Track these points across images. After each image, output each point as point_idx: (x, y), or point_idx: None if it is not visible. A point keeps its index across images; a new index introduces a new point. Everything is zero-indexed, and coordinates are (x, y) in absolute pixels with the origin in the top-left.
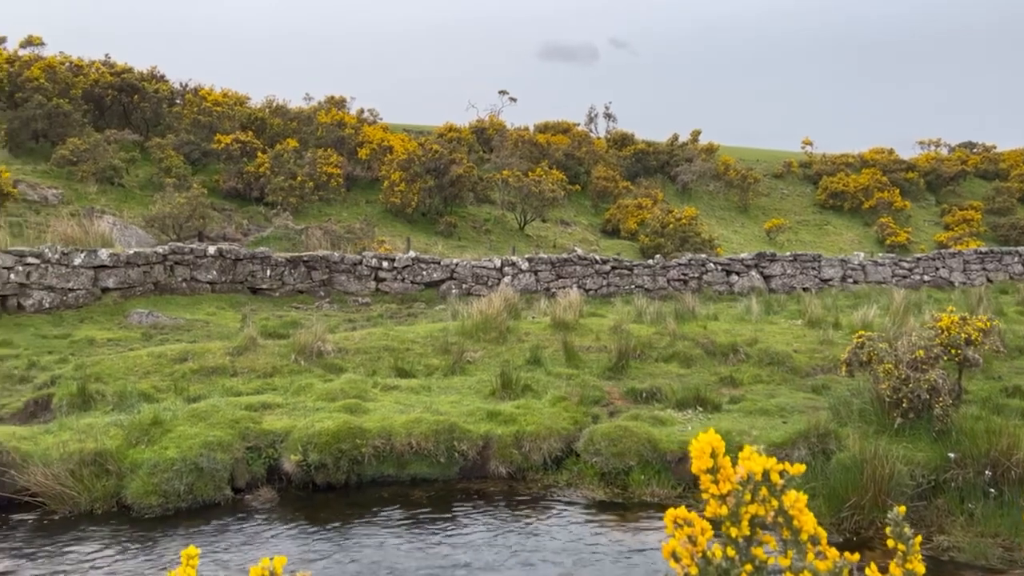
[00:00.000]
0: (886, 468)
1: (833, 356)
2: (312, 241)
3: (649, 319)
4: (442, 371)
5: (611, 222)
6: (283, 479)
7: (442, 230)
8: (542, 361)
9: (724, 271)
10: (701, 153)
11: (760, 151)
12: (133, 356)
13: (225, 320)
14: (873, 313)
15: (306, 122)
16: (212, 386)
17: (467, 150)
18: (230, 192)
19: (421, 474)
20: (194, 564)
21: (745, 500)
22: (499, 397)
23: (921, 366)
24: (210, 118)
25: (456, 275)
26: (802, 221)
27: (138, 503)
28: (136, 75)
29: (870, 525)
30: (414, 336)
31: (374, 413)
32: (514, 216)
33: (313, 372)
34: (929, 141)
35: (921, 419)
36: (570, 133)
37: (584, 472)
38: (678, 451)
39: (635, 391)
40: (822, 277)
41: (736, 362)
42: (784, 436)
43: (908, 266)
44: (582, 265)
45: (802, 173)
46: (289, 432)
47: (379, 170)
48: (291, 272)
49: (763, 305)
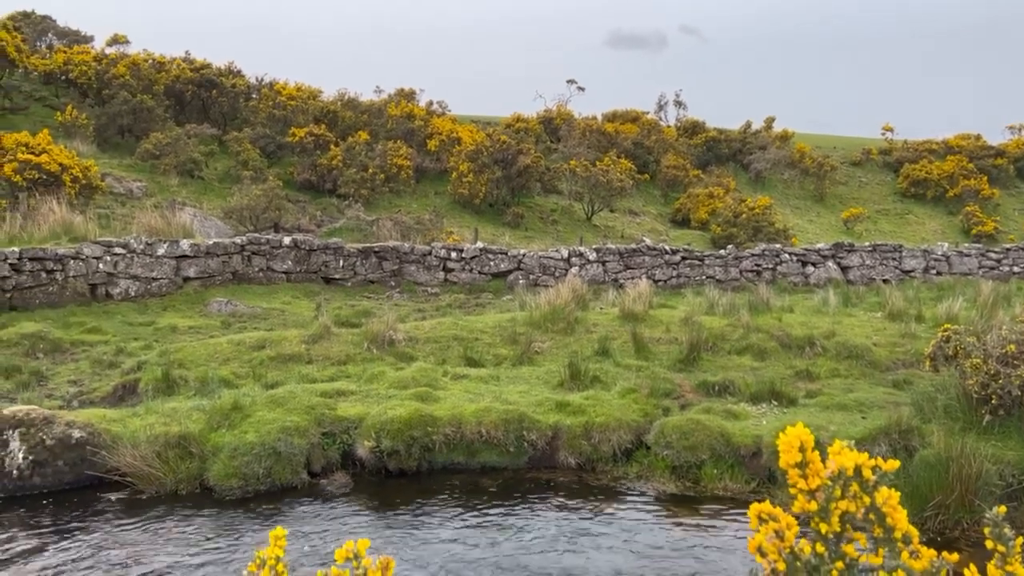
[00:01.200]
0: (973, 467)
1: (915, 350)
2: (383, 232)
3: (721, 311)
4: (510, 361)
5: (681, 212)
6: (357, 464)
7: (509, 221)
8: (610, 352)
9: (799, 262)
10: (775, 141)
11: (837, 138)
12: (213, 343)
13: (300, 309)
14: (959, 306)
15: (376, 115)
16: (288, 373)
17: (534, 140)
18: (304, 184)
19: (490, 462)
20: (282, 544)
21: (835, 496)
22: (567, 388)
23: (1012, 361)
24: (284, 112)
25: (523, 266)
26: (882, 210)
27: (219, 485)
28: (214, 71)
29: (955, 526)
30: (482, 326)
31: (444, 401)
32: (581, 206)
33: (385, 360)
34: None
35: (1012, 417)
36: (639, 122)
37: (654, 465)
38: (752, 445)
39: (707, 384)
40: (903, 268)
41: (812, 355)
42: (863, 432)
43: (996, 257)
44: (651, 255)
45: (882, 160)
46: (362, 419)
47: (447, 161)
48: (363, 262)
49: (840, 297)
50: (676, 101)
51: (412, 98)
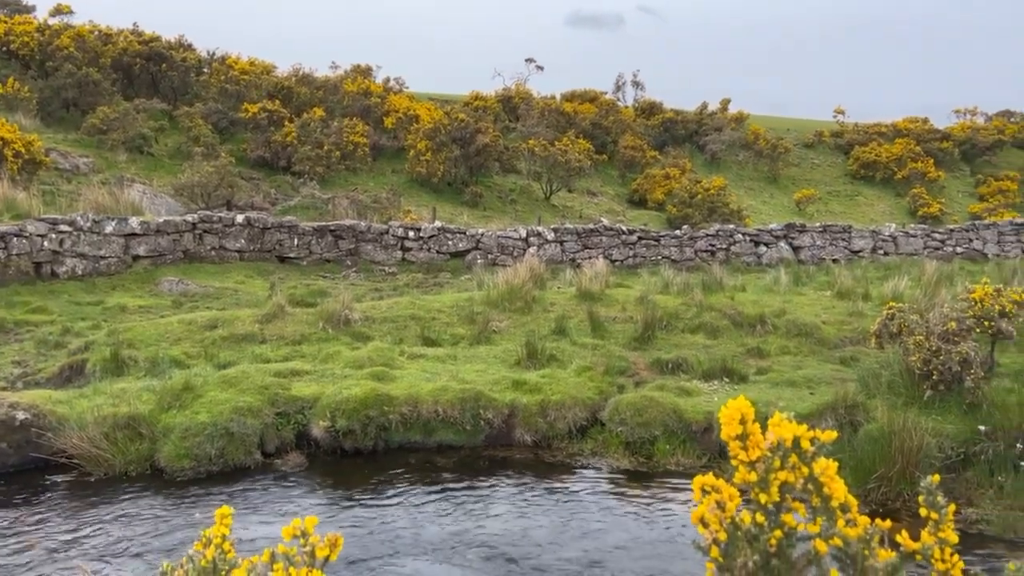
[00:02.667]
0: (915, 440)
1: (862, 328)
2: (339, 210)
3: (676, 290)
4: (468, 340)
5: (638, 192)
6: (312, 444)
7: (468, 200)
8: (567, 331)
9: (752, 242)
10: (730, 122)
11: (791, 120)
12: (164, 323)
13: (253, 288)
14: (904, 285)
15: (332, 91)
16: (242, 353)
17: (493, 119)
18: (257, 161)
19: (447, 441)
20: (228, 523)
21: (775, 467)
22: (524, 366)
23: (953, 338)
24: (237, 87)
25: (482, 245)
26: (832, 192)
27: (171, 466)
28: (164, 44)
29: (897, 497)
30: (440, 305)
31: (401, 381)
32: (540, 186)
33: (340, 340)
34: (965, 110)
35: (952, 392)
36: (597, 102)
37: (609, 441)
38: (703, 421)
39: (661, 361)
40: (852, 248)
41: (763, 333)
42: (811, 407)
43: (941, 237)
44: (608, 236)
45: (833, 143)
46: (317, 398)
47: (405, 139)
48: (318, 241)
49: (791, 276)
50: (634, 82)
51: (369, 74)
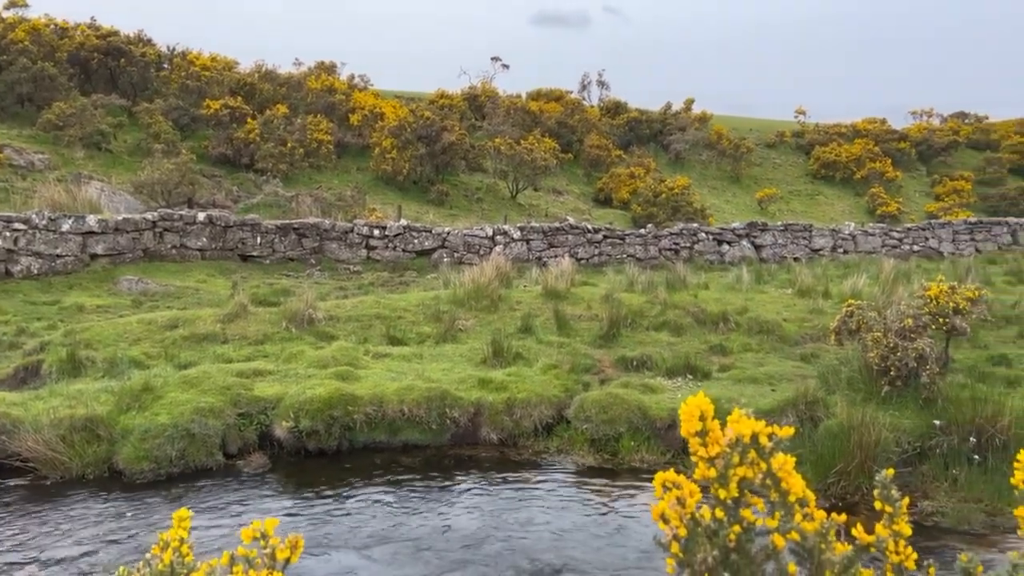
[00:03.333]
0: (872, 435)
1: (822, 325)
2: (302, 208)
3: (640, 288)
4: (434, 339)
5: (603, 191)
6: (275, 445)
7: (433, 198)
8: (533, 329)
9: (715, 240)
10: (694, 122)
11: (753, 120)
12: (123, 323)
13: (215, 287)
14: (863, 282)
15: (296, 88)
16: (203, 353)
17: (459, 117)
18: (219, 158)
19: (413, 440)
20: (186, 526)
21: (734, 462)
22: (490, 365)
23: (909, 335)
24: (199, 83)
25: (448, 244)
26: (794, 191)
27: (130, 468)
28: (122, 38)
29: (856, 491)
30: (405, 304)
31: (366, 380)
32: (506, 184)
33: (304, 339)
34: (921, 111)
35: (908, 387)
36: (563, 101)
37: (574, 439)
38: (667, 418)
39: (626, 359)
40: (813, 247)
41: (726, 331)
42: (773, 403)
43: (898, 236)
44: (574, 234)
45: (795, 143)
46: (281, 399)
47: (370, 137)
48: (281, 239)
49: (753, 274)
50: (599, 81)
51: (333, 71)
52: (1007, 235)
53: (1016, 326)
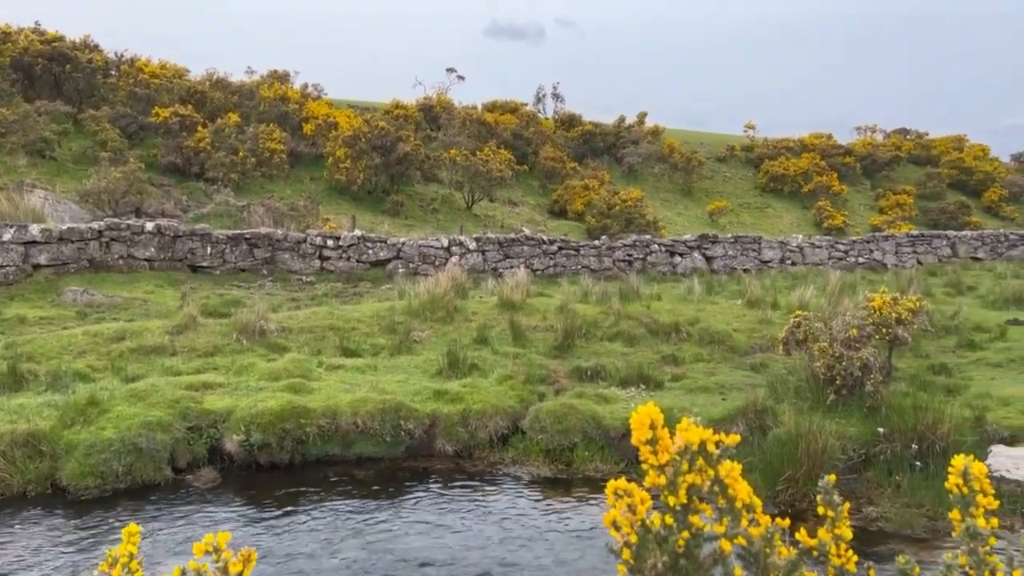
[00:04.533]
0: (819, 443)
1: (771, 335)
2: (254, 218)
3: (595, 299)
4: (388, 350)
5: (558, 203)
6: (225, 459)
7: (388, 208)
8: (489, 340)
9: (668, 252)
10: (647, 135)
11: (704, 134)
12: (67, 335)
13: (164, 298)
14: (810, 294)
15: (248, 96)
16: (151, 366)
17: (414, 128)
18: (169, 167)
19: (367, 453)
20: (135, 541)
21: (682, 470)
22: (446, 376)
23: (854, 345)
24: (147, 90)
25: (403, 254)
26: (744, 204)
27: (74, 484)
28: (68, 44)
29: (804, 497)
30: (360, 315)
31: (319, 392)
32: (462, 195)
33: (256, 351)
34: (866, 127)
35: (853, 396)
36: (518, 113)
37: (530, 449)
38: (621, 428)
39: (580, 369)
40: (762, 258)
41: (678, 341)
42: (723, 412)
43: (844, 248)
44: (529, 245)
45: (744, 157)
46: (231, 412)
47: (324, 146)
48: (232, 250)
49: (705, 286)
50: (554, 94)
51: (286, 80)
52: (947, 248)
53: (955, 336)
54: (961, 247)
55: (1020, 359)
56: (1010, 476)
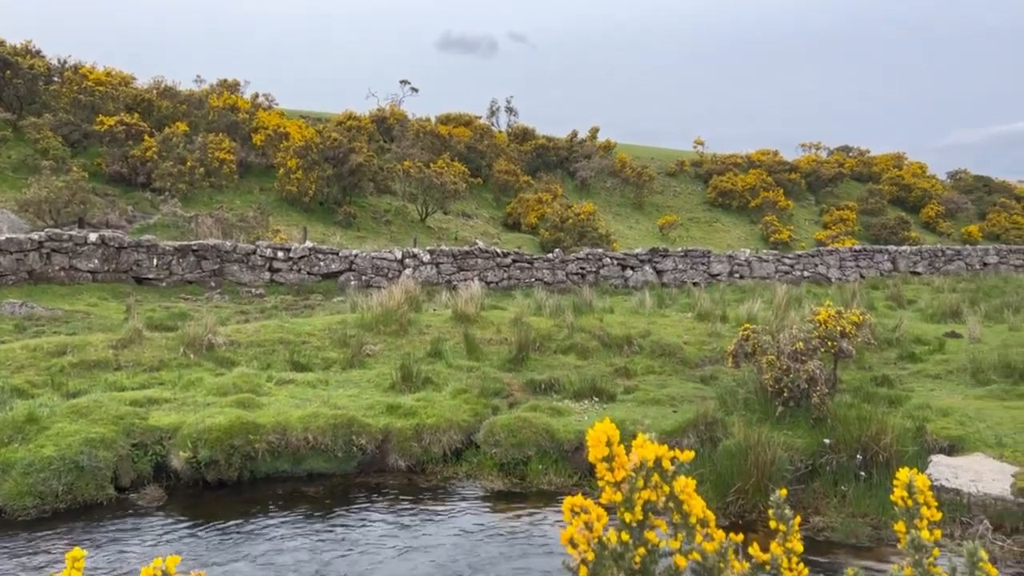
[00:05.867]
0: (768, 454)
1: (721, 348)
2: (202, 229)
3: (548, 312)
4: (340, 364)
5: (512, 216)
6: (172, 477)
7: (341, 220)
8: (443, 354)
9: (620, 265)
10: (599, 150)
11: (655, 149)
12: (5, 349)
13: (108, 311)
14: (758, 307)
15: (197, 105)
16: (94, 381)
17: (367, 139)
18: (114, 177)
19: (318, 469)
20: (80, 567)
21: (638, 486)
22: (399, 390)
23: (800, 357)
24: (92, 98)
25: (355, 266)
26: (693, 218)
27: (11, 505)
28: (8, 49)
29: (753, 508)
30: (311, 329)
31: (268, 408)
32: (415, 207)
33: (203, 366)
34: (810, 144)
35: (800, 407)
36: (472, 126)
37: (483, 463)
38: (575, 440)
39: (534, 382)
40: (711, 272)
41: (630, 353)
42: (674, 424)
43: (790, 262)
44: (483, 258)
45: (694, 172)
46: (178, 428)
47: (274, 157)
48: (179, 261)
49: (656, 299)
50: (507, 107)
51: (236, 90)
52: (888, 262)
53: (897, 348)
54: (901, 262)
55: (958, 371)
56: (949, 485)
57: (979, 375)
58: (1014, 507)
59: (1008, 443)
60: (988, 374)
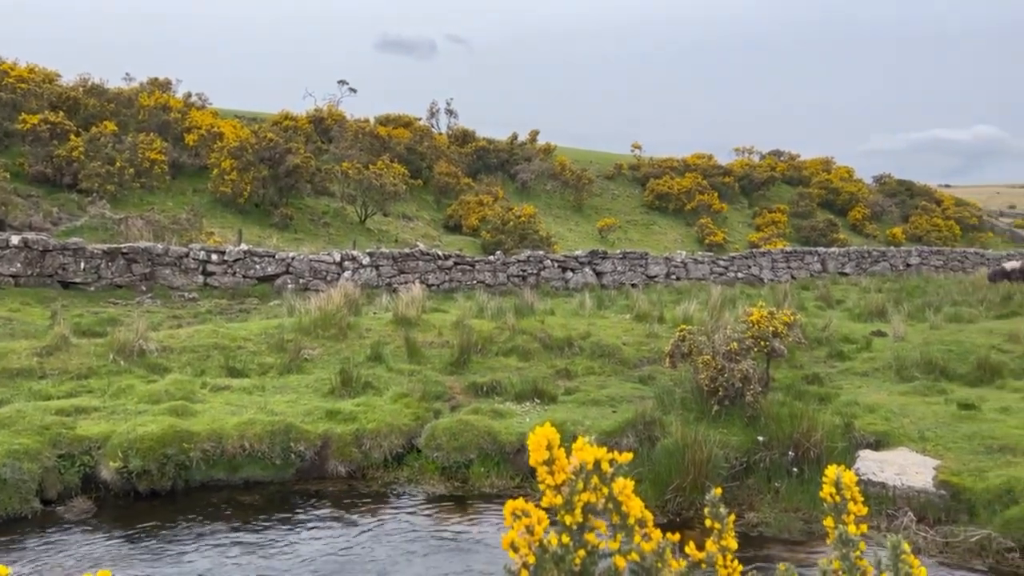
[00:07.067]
0: (704, 452)
1: (658, 348)
2: (133, 232)
3: (490, 314)
4: (277, 370)
5: (453, 218)
6: (101, 488)
7: (277, 222)
8: (384, 357)
9: (560, 268)
10: (539, 153)
11: (594, 153)
12: None
13: (31, 317)
14: (693, 308)
15: (126, 104)
16: (16, 390)
17: (304, 140)
18: (37, 177)
19: (255, 477)
20: None
21: (578, 489)
22: (339, 395)
23: (735, 357)
24: (13, 95)
25: (293, 269)
26: (631, 221)
27: None
28: None
29: (691, 506)
30: (247, 333)
31: (203, 415)
32: (354, 209)
33: (134, 373)
34: (744, 148)
35: (735, 406)
36: (412, 127)
37: (425, 467)
38: (516, 443)
39: (476, 385)
40: (649, 274)
41: (571, 355)
42: (614, 425)
43: (724, 264)
44: (424, 260)
45: (631, 175)
46: (108, 437)
47: (208, 158)
48: (108, 265)
49: (595, 300)
50: (447, 109)
51: (168, 88)
52: (817, 263)
53: (826, 347)
54: (830, 263)
55: (883, 368)
56: (875, 479)
57: (903, 372)
58: (936, 499)
59: (930, 437)
60: (911, 371)
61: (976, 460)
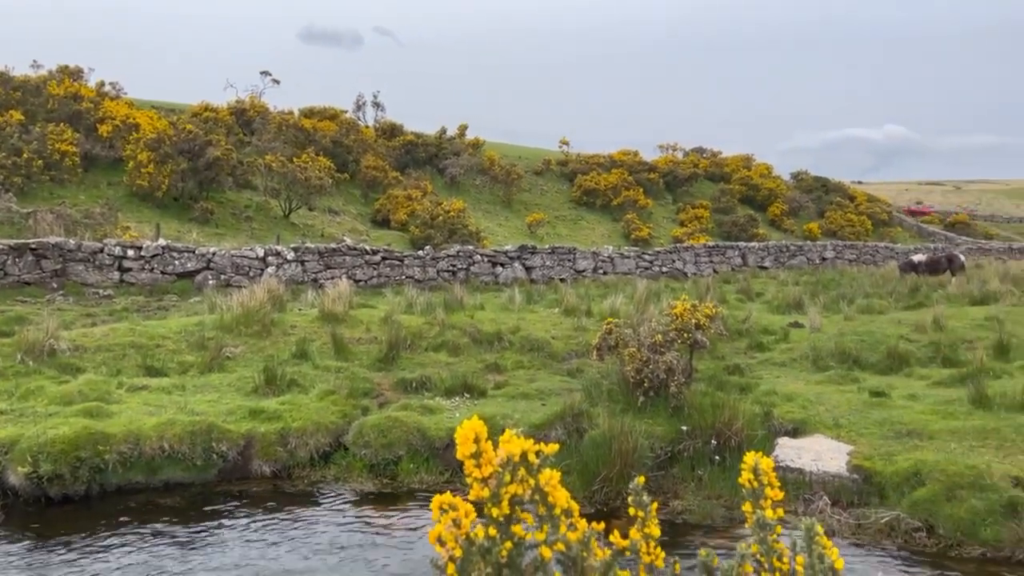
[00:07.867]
0: (631, 443)
1: (586, 341)
2: (42, 227)
3: (419, 309)
4: (198, 368)
5: (381, 212)
6: (9, 494)
7: (197, 216)
8: (309, 354)
9: (490, 262)
10: (468, 147)
11: (522, 148)
12: None
13: None
14: (620, 301)
15: (34, 93)
16: None
17: (226, 132)
18: None
19: (175, 478)
20: None
21: (505, 481)
22: (262, 394)
23: (659, 349)
24: None
25: (214, 265)
26: (559, 216)
27: None
28: None
29: (618, 495)
30: (165, 331)
31: (119, 416)
32: (278, 203)
33: (44, 374)
34: (668, 145)
35: (660, 397)
36: (338, 120)
37: (353, 465)
38: (446, 438)
39: (405, 381)
40: (577, 268)
41: (500, 349)
42: (543, 418)
43: (650, 259)
44: (352, 255)
45: (560, 171)
46: (16, 441)
47: (124, 149)
48: (16, 261)
49: (525, 295)
50: (374, 102)
51: (79, 77)
52: (738, 258)
53: (747, 338)
54: (750, 257)
55: (800, 358)
56: (793, 465)
57: (819, 362)
58: (849, 483)
59: (844, 424)
60: (826, 361)
61: (886, 445)
